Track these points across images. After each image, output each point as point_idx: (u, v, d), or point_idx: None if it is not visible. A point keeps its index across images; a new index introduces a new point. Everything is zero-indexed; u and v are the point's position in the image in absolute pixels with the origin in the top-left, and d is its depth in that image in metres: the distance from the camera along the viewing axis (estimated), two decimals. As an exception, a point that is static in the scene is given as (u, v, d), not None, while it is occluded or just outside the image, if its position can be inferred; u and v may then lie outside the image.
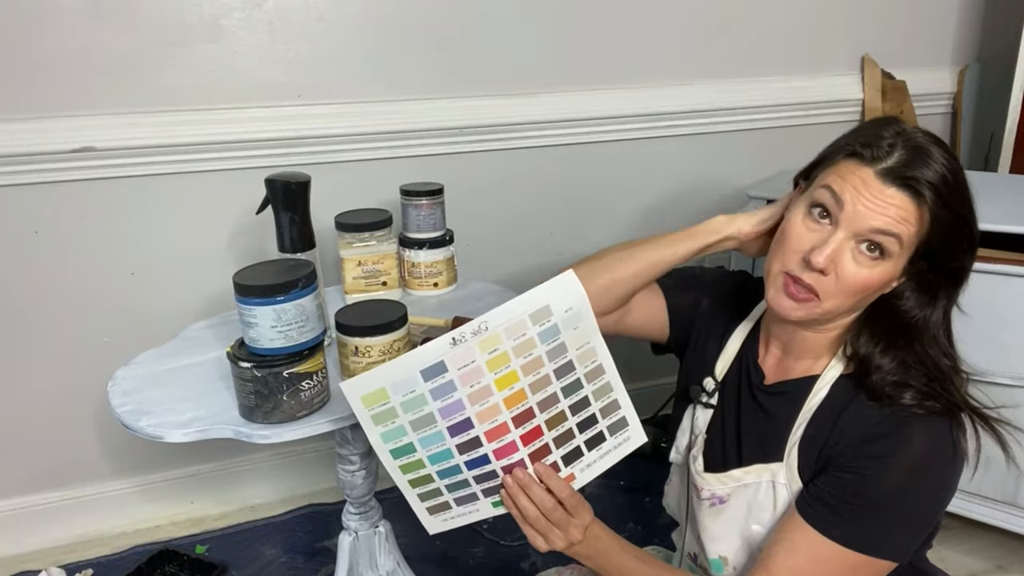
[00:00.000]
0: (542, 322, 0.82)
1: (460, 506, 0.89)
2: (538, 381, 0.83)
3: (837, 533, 0.84)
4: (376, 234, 1.34)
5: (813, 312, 0.87)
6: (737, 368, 1.01)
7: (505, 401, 0.82)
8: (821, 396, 0.91)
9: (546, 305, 0.82)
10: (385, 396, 0.81)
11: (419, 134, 1.74)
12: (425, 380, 0.80)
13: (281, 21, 1.60)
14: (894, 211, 0.81)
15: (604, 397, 0.89)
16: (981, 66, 2.23)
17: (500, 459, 0.84)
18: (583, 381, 0.87)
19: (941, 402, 0.85)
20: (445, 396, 0.81)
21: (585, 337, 0.86)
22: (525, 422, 0.84)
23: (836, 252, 0.83)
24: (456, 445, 0.83)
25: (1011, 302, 1.44)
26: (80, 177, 1.56)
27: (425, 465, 0.85)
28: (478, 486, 0.87)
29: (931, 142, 0.84)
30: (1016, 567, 1.68)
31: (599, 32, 1.83)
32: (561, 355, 0.85)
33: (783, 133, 2.04)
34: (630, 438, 0.92)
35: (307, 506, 1.89)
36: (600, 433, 0.90)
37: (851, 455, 0.85)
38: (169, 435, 0.98)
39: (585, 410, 0.88)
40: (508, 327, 0.81)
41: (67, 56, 1.50)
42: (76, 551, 1.76)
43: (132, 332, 1.66)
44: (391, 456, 0.85)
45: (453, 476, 0.86)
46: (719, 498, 0.97)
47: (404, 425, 0.82)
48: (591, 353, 0.87)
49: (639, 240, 1.05)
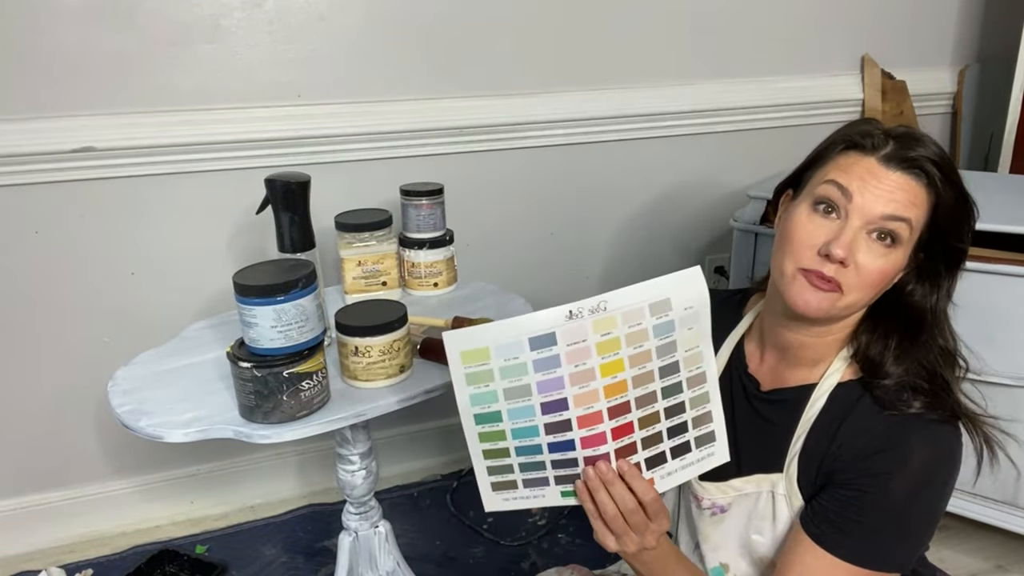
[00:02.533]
0: (660, 315, 0.79)
1: (527, 488, 0.85)
2: (642, 375, 0.80)
3: (844, 552, 0.84)
4: (376, 234, 1.34)
5: (836, 306, 0.85)
6: (728, 379, 1.00)
7: (606, 389, 0.78)
8: (819, 406, 0.90)
9: (667, 298, 0.79)
10: (486, 356, 0.77)
11: (419, 134, 1.74)
12: (532, 348, 0.76)
13: (281, 21, 1.60)
14: (902, 195, 0.82)
15: (700, 407, 0.85)
16: (981, 66, 2.23)
17: (586, 448, 0.80)
18: (684, 385, 0.83)
19: (946, 408, 0.84)
20: (548, 370, 0.77)
21: (696, 340, 0.82)
22: (620, 415, 0.80)
23: (853, 241, 0.82)
24: (545, 424, 0.80)
25: (1011, 302, 1.44)
26: (80, 177, 1.56)
27: (506, 438, 0.81)
28: (553, 471, 0.83)
29: (913, 129, 0.86)
30: (1016, 567, 1.68)
31: (599, 32, 1.83)
32: (670, 353, 0.81)
33: (783, 133, 2.04)
34: (714, 454, 0.88)
35: (307, 506, 1.89)
36: (687, 443, 0.86)
37: (852, 471, 0.85)
38: (169, 435, 0.98)
39: (679, 416, 0.84)
40: (626, 312, 0.77)
41: (67, 56, 1.50)
42: (76, 551, 1.76)
43: (132, 332, 1.66)
44: (474, 421, 0.81)
45: (532, 455, 0.82)
46: (720, 507, 0.97)
47: (498, 391, 0.79)
48: (698, 358, 0.83)
49: None
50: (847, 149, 0.86)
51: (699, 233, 2.09)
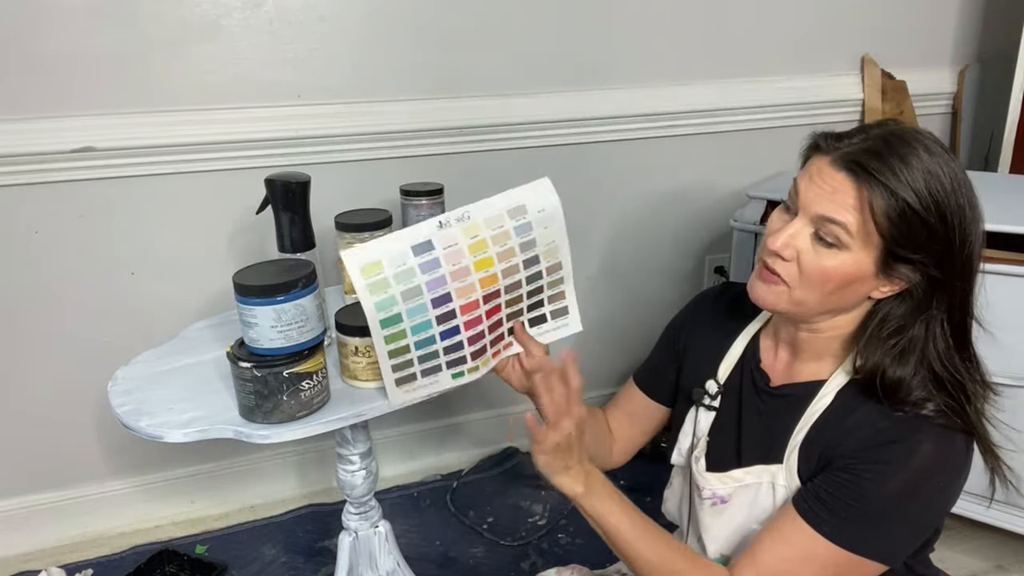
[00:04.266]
0: (518, 218, 0.95)
1: (425, 377, 0.99)
2: (510, 268, 0.96)
3: (828, 529, 0.84)
4: (376, 234, 1.33)
5: (783, 299, 0.87)
6: (739, 371, 1.01)
7: (480, 281, 0.94)
8: (826, 401, 0.91)
9: (522, 204, 0.95)
10: (380, 267, 0.90)
11: (419, 134, 1.74)
12: (415, 255, 0.91)
13: (281, 21, 1.60)
14: (840, 197, 0.81)
15: (555, 288, 1.03)
16: (981, 66, 2.23)
17: (468, 330, 0.97)
18: (544, 273, 1.00)
19: (960, 419, 0.84)
20: (431, 271, 0.92)
21: (552, 236, 0.98)
22: (492, 300, 0.96)
23: (792, 237, 0.85)
24: (436, 316, 0.94)
25: (1011, 302, 1.44)
26: (80, 177, 1.56)
27: (407, 336, 0.94)
28: (444, 357, 0.98)
29: (918, 141, 0.82)
30: (1016, 567, 1.68)
31: (599, 32, 1.83)
32: (531, 249, 0.97)
33: (783, 133, 2.04)
34: (568, 324, 1.07)
35: (307, 506, 1.89)
36: (544, 315, 1.05)
37: (853, 458, 0.85)
38: (169, 435, 0.98)
39: (538, 295, 1.02)
40: (487, 218, 0.93)
41: (67, 56, 1.49)
42: (76, 551, 1.76)
43: (132, 332, 1.66)
44: (380, 326, 0.92)
45: (427, 347, 0.96)
46: (720, 497, 0.97)
47: (396, 295, 0.91)
48: (555, 251, 0.99)
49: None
50: (813, 149, 0.87)
51: (699, 233, 2.09)
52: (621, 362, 2.09)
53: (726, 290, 1.11)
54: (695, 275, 2.14)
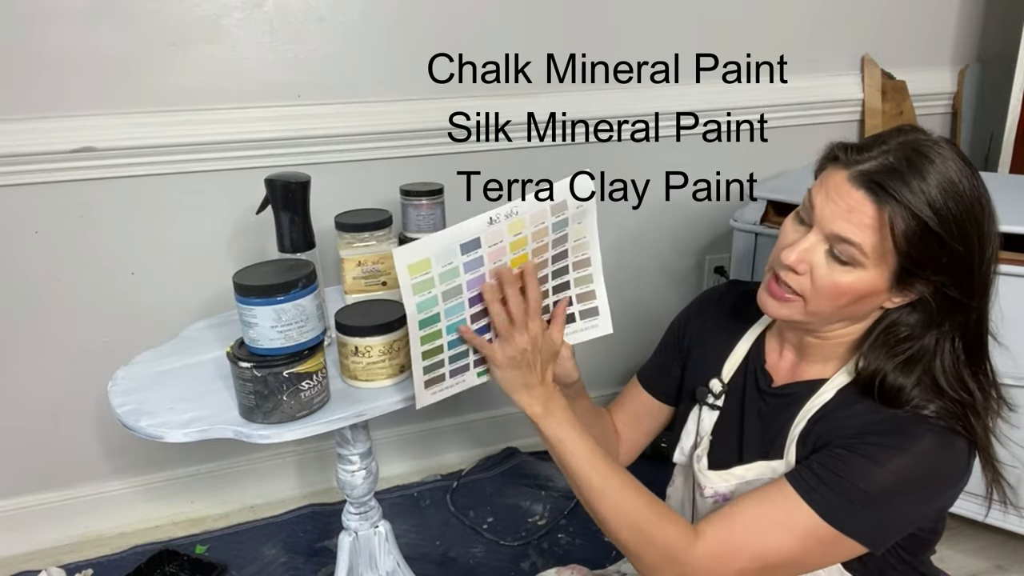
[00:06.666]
0: (559, 214, 0.91)
1: (452, 377, 0.97)
2: (541, 263, 0.93)
3: (815, 498, 0.82)
4: (376, 234, 1.34)
5: (798, 313, 0.87)
6: (743, 371, 1.01)
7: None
8: (826, 397, 0.91)
9: (563, 200, 0.90)
10: (428, 266, 0.86)
11: (419, 134, 1.74)
12: (463, 253, 0.87)
13: (281, 21, 1.60)
14: (856, 216, 0.80)
15: (584, 286, 1.01)
16: (981, 66, 2.23)
17: None
18: (570, 268, 0.98)
19: (965, 428, 0.83)
20: (474, 270, 0.88)
21: (583, 232, 0.96)
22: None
23: (807, 252, 0.84)
24: (471, 315, 0.91)
25: (1011, 302, 1.44)
26: (80, 177, 1.56)
27: (441, 336, 0.92)
28: (473, 356, 0.97)
29: (938, 153, 0.81)
30: (1016, 567, 1.68)
31: (599, 32, 1.83)
32: (562, 244, 0.94)
33: (783, 133, 2.04)
34: (597, 326, 1.04)
35: (307, 506, 1.89)
36: (572, 315, 1.02)
37: (853, 437, 0.84)
38: (169, 435, 0.98)
39: (564, 292, 1.00)
40: (532, 214, 0.89)
41: (67, 56, 1.49)
42: (76, 551, 1.76)
43: (132, 332, 1.66)
44: (419, 326, 0.89)
45: (458, 347, 0.94)
46: (722, 495, 0.98)
47: (438, 295, 0.88)
48: (584, 246, 0.97)
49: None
50: (831, 160, 0.86)
51: (699, 233, 2.09)
52: (621, 361, 2.09)
53: (731, 289, 1.11)
54: (695, 275, 2.14)
